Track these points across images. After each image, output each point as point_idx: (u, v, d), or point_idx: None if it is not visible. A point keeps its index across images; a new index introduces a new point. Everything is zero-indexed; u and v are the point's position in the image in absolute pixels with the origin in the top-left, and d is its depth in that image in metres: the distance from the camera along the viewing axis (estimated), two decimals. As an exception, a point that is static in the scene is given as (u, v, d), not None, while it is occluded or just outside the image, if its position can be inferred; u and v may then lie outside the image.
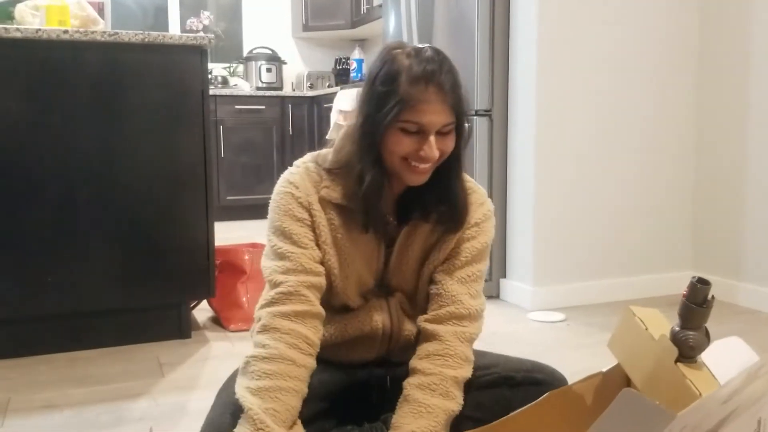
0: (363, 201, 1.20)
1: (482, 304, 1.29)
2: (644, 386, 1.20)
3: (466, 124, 1.20)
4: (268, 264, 1.23)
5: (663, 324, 1.20)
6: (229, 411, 1.14)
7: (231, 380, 1.25)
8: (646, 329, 1.18)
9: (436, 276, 1.29)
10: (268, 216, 1.27)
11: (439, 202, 1.24)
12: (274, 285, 1.19)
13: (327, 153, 1.28)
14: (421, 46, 1.18)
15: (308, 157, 1.30)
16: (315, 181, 1.24)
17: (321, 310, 1.21)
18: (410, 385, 1.23)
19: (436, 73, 1.13)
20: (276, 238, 1.23)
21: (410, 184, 1.21)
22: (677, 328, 1.14)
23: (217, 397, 1.24)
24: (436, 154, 1.15)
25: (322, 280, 1.23)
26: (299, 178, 1.25)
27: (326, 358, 1.30)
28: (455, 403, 1.21)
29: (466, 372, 1.24)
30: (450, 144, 1.19)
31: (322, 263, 1.24)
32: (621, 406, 0.77)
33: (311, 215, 1.23)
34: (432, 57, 1.14)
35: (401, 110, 1.12)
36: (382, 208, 1.23)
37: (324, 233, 1.23)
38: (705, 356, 1.07)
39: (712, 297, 1.13)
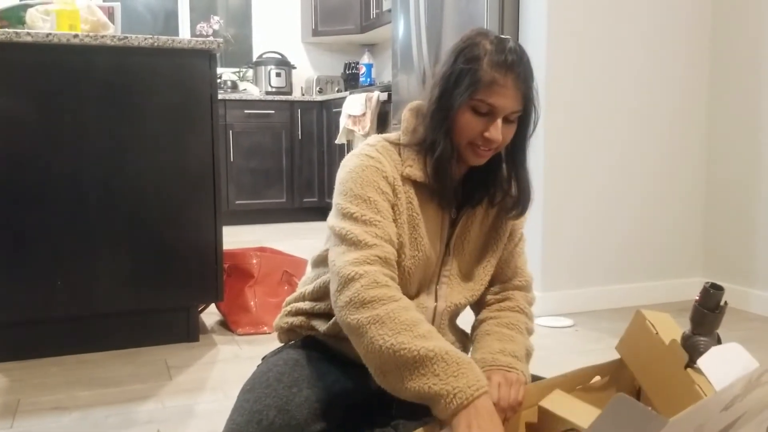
0: (434, 168, 1.23)
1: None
2: (653, 390, 1.19)
3: (534, 115, 1.26)
4: (347, 226, 1.19)
5: (674, 329, 1.19)
6: (255, 420, 1.13)
7: (257, 381, 1.23)
8: (657, 333, 1.17)
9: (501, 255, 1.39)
10: (343, 185, 1.24)
11: (508, 183, 1.31)
12: (365, 246, 1.16)
13: (395, 135, 1.32)
14: (503, 36, 1.24)
15: (378, 137, 1.32)
16: (395, 161, 1.27)
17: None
18: (488, 324, 1.33)
19: (516, 63, 1.19)
20: (357, 207, 1.20)
21: (471, 164, 1.27)
22: (688, 333, 1.14)
23: (242, 398, 1.21)
24: (500, 137, 1.20)
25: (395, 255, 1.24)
26: (380, 156, 1.26)
27: (353, 358, 1.29)
28: (531, 344, 1.32)
29: (533, 328, 1.37)
30: (510, 134, 1.24)
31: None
32: (614, 411, 0.77)
33: (395, 192, 1.24)
34: (514, 48, 1.21)
35: (477, 89, 1.18)
36: (454, 177, 1.26)
37: (403, 211, 1.25)
38: (703, 362, 1.07)
39: (725, 303, 1.13)
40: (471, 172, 1.32)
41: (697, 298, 1.13)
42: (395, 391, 1.08)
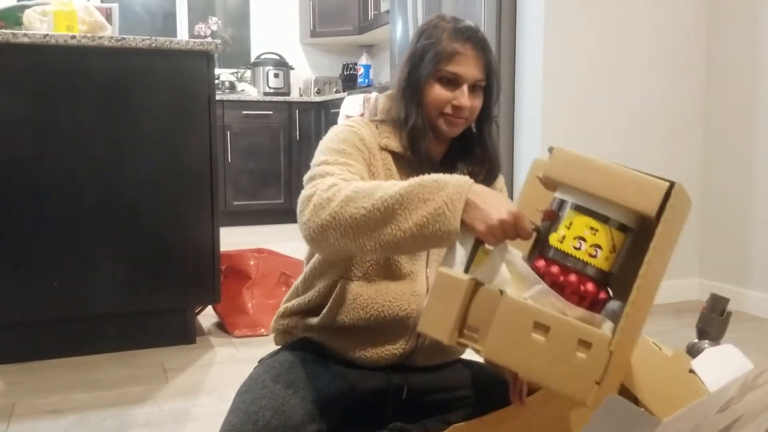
0: (409, 139, 1.30)
1: None
2: (659, 401, 1.18)
3: (496, 86, 1.33)
4: (318, 169, 1.20)
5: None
6: (251, 421, 1.14)
7: (254, 382, 1.25)
8: (660, 349, 1.18)
9: None
10: (323, 145, 1.28)
11: (484, 156, 1.37)
12: (330, 175, 1.17)
13: (370, 116, 1.39)
14: (462, 19, 1.34)
15: (354, 118, 1.38)
16: (374, 133, 1.33)
17: None
18: None
19: (473, 35, 1.29)
20: (330, 156, 1.23)
21: (447, 135, 1.33)
22: (695, 341, 1.16)
23: (238, 400, 1.22)
24: (468, 103, 1.28)
25: None
26: (359, 126, 1.32)
27: (349, 356, 1.31)
28: None
29: None
30: (478, 103, 1.31)
31: None
32: (607, 412, 0.77)
33: (371, 155, 1.29)
34: (470, 25, 1.31)
35: (440, 60, 1.27)
36: (427, 151, 1.31)
37: (380, 174, 1.30)
38: (698, 363, 1.08)
39: (730, 312, 1.16)
40: (449, 150, 1.37)
41: (704, 307, 1.17)
42: (403, 246, 1.05)
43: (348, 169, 1.20)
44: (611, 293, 1.00)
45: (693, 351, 1.16)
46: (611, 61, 2.85)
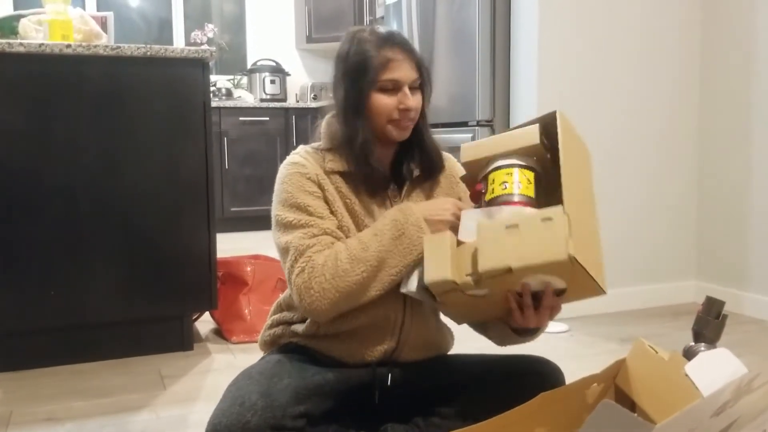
0: (357, 156, 1.33)
1: None
2: (655, 407, 1.19)
3: (428, 82, 1.39)
4: (287, 237, 1.32)
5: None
6: (238, 403, 1.19)
7: (241, 376, 1.29)
8: (657, 353, 1.19)
9: None
10: (277, 197, 1.37)
11: (422, 155, 1.42)
12: (307, 248, 1.28)
13: (316, 143, 1.43)
14: (376, 26, 1.40)
15: (300, 147, 1.44)
16: (317, 159, 1.37)
17: None
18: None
19: (396, 37, 1.35)
20: (292, 213, 1.33)
21: (397, 139, 1.37)
22: (690, 344, 1.17)
23: (226, 391, 1.27)
24: (413, 103, 1.33)
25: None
26: (302, 159, 1.37)
27: (333, 356, 1.36)
28: None
29: None
30: (419, 100, 1.36)
31: (339, 229, 1.34)
32: (600, 418, 0.78)
33: (321, 188, 1.34)
34: (391, 30, 1.38)
35: (377, 72, 1.31)
36: (376, 162, 1.36)
37: (336, 202, 1.34)
38: (691, 368, 1.08)
39: (726, 315, 1.17)
40: (396, 155, 1.42)
41: (700, 309, 1.18)
42: (399, 274, 1.27)
43: (314, 232, 1.29)
44: None
45: (689, 354, 1.16)
46: (606, 64, 2.86)
